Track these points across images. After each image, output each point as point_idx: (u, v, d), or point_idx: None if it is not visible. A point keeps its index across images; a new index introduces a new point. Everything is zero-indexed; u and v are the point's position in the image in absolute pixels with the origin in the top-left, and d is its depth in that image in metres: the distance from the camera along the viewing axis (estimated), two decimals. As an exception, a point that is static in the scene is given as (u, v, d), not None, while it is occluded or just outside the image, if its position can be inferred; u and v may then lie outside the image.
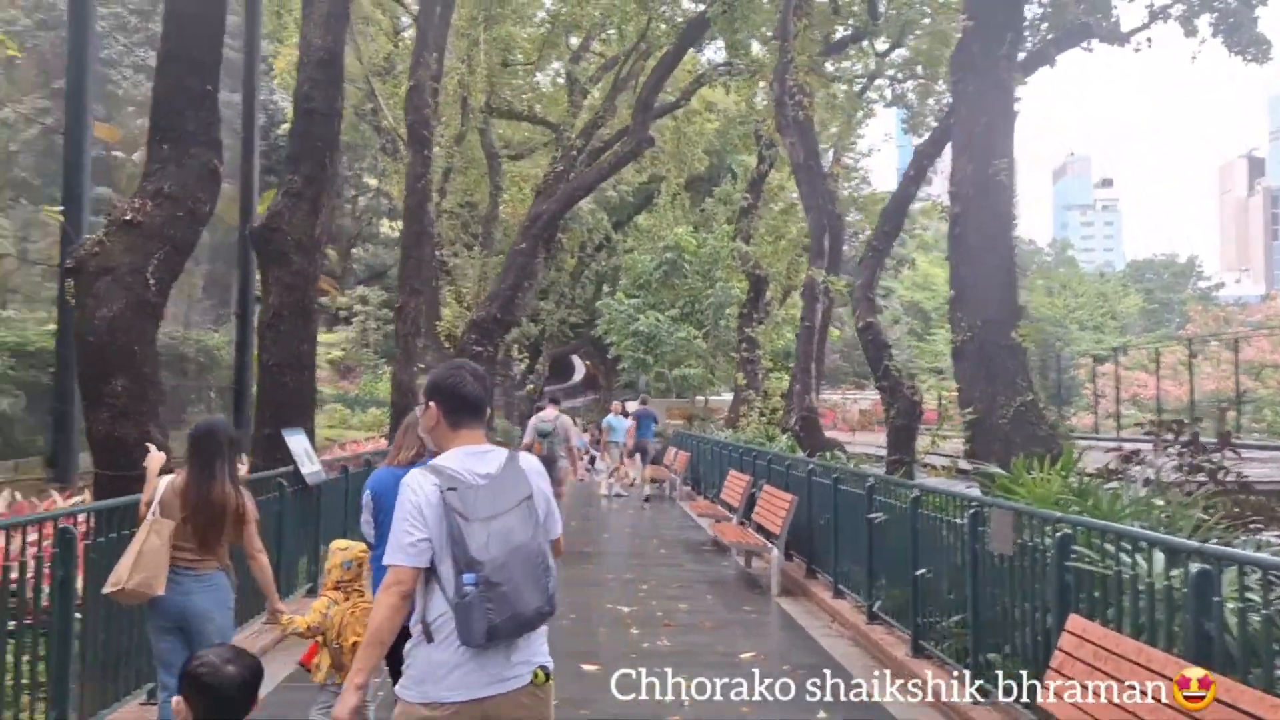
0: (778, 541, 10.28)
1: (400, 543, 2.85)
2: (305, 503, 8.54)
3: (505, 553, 2.82)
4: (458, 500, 2.86)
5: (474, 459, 3.02)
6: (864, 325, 12.00)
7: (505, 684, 2.87)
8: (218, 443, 4.69)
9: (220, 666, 2.50)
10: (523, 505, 2.96)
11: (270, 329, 9.94)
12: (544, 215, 22.53)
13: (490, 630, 2.76)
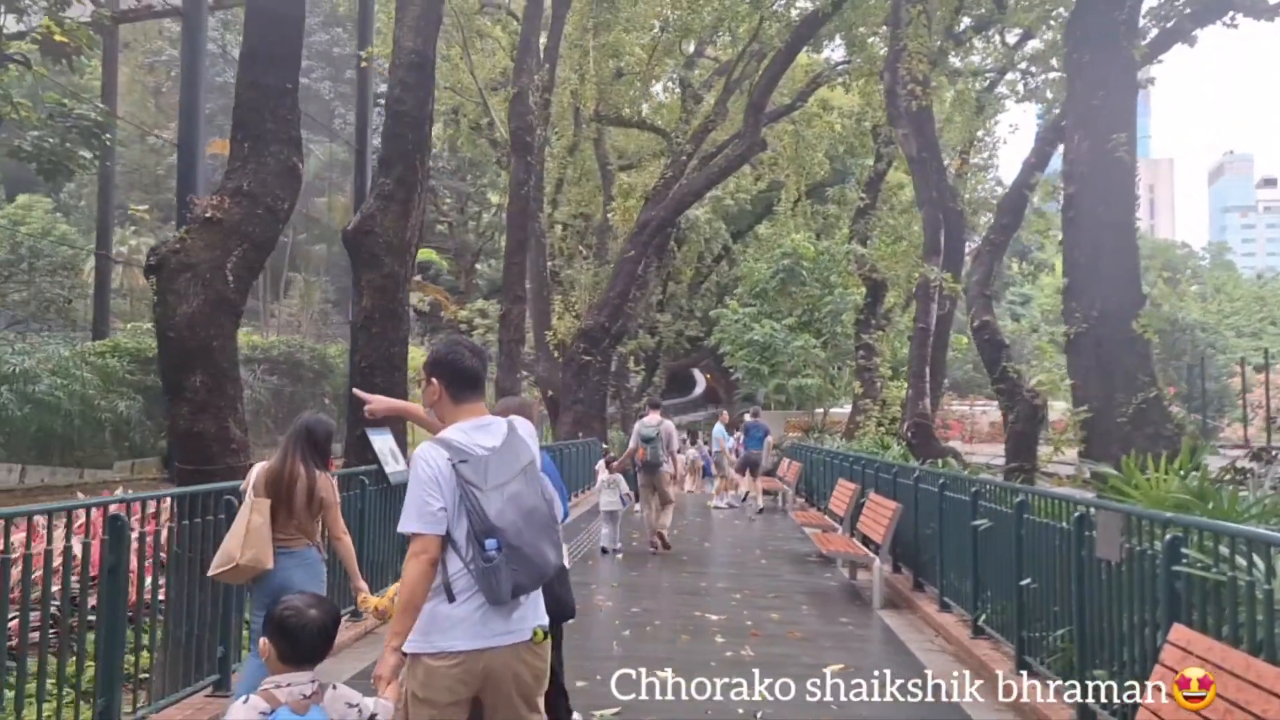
0: (880, 551, 9.74)
1: (422, 512, 3.06)
2: (389, 501, 8.49)
3: (520, 517, 3.07)
4: (469, 471, 3.07)
5: (478, 432, 3.22)
6: (979, 324, 11.34)
7: (506, 638, 3.09)
8: (297, 432, 5.21)
9: (303, 610, 2.87)
10: (526, 470, 3.19)
11: (363, 331, 10.00)
12: (653, 222, 22.39)
13: (515, 588, 3.03)
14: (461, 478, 3.06)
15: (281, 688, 2.81)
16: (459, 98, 28.67)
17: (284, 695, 2.80)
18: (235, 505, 5.66)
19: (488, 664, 3.08)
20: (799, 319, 30.73)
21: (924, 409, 13.49)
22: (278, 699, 2.79)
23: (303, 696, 2.79)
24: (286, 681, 2.83)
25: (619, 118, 26.12)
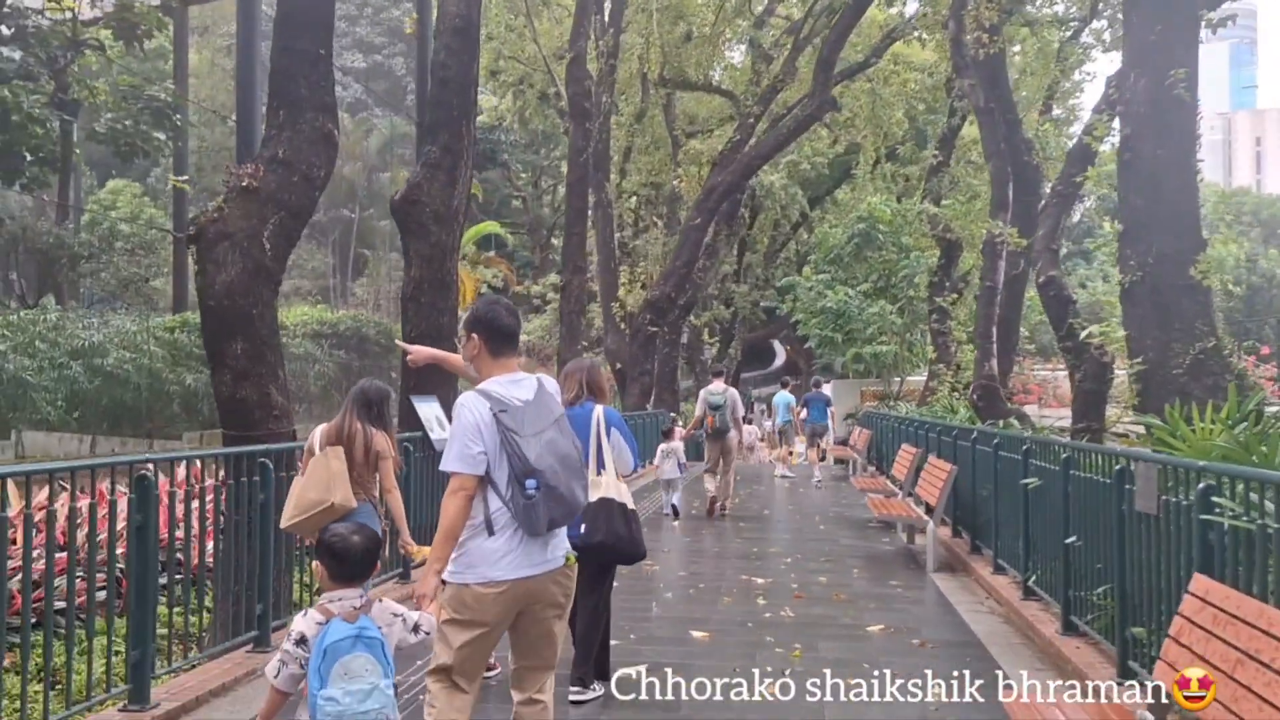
0: (935, 514, 9.51)
1: (463, 454, 3.40)
2: (434, 468, 8.58)
3: (556, 461, 3.43)
4: (509, 420, 3.41)
5: (513, 386, 3.56)
6: (1045, 280, 10.96)
7: (544, 566, 3.49)
8: (354, 395, 5.59)
9: (348, 536, 3.32)
10: (559, 421, 3.57)
11: (412, 301, 10.10)
12: (720, 187, 22.14)
13: (550, 523, 3.41)
14: (502, 425, 3.40)
15: (334, 602, 3.22)
16: (524, 67, 28.65)
17: (336, 608, 3.19)
18: (270, 468, 5.81)
19: (530, 589, 3.47)
20: (874, 285, 30.12)
21: (990, 370, 13.09)
22: (331, 611, 3.18)
23: (353, 608, 3.19)
24: (338, 597, 3.24)
25: (684, 81, 25.76)
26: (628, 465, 5.44)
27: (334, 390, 20.47)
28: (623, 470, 5.41)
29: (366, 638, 3.12)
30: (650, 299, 21.69)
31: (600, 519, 5.12)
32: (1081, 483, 6.12)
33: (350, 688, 3.04)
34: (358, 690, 3.05)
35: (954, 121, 21.41)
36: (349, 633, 3.10)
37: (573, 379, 5.56)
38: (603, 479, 5.25)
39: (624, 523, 5.19)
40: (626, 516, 5.23)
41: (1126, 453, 5.40)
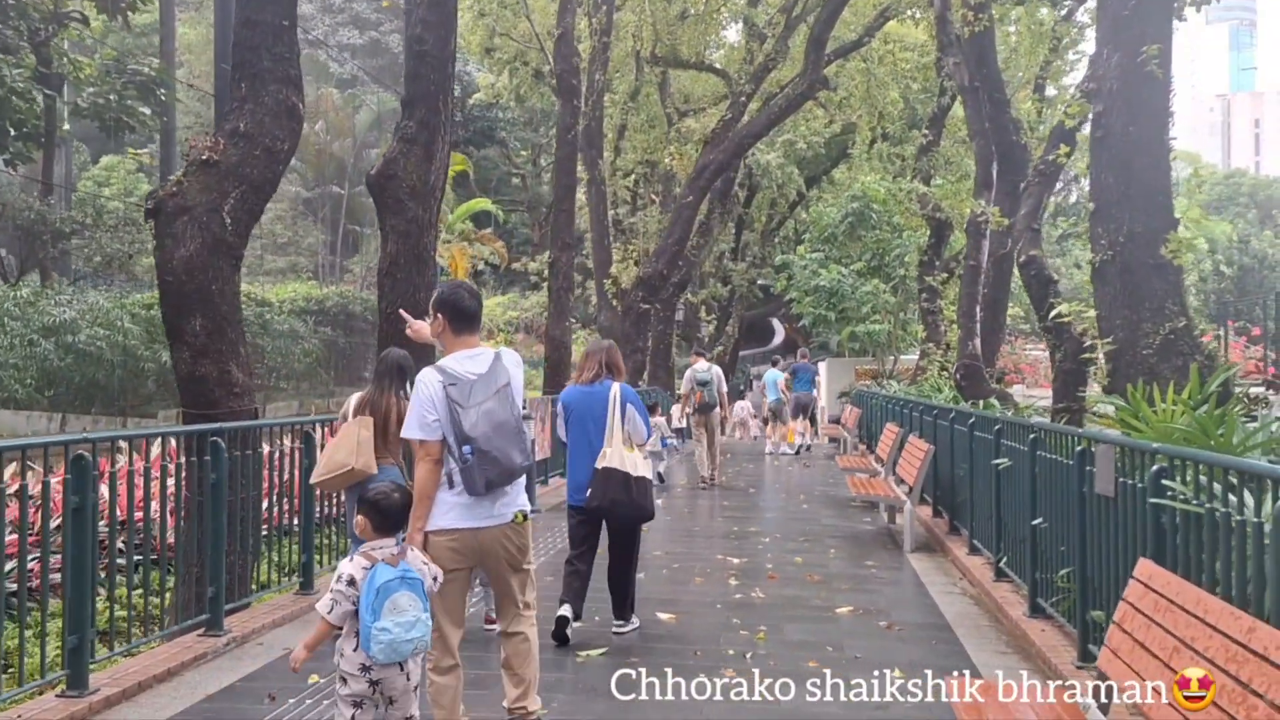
0: (912, 493, 9.45)
1: (422, 422, 3.88)
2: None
3: (490, 428, 3.86)
4: (456, 393, 3.86)
5: (470, 360, 3.99)
6: (1026, 260, 10.83)
7: (492, 519, 3.97)
8: (387, 366, 6.03)
9: (390, 493, 3.85)
10: (501, 390, 3.94)
11: (388, 276, 9.97)
12: (711, 165, 21.96)
13: (487, 483, 3.86)
14: (450, 397, 3.85)
15: (377, 550, 3.70)
16: (518, 44, 28.43)
17: (379, 555, 3.67)
18: (222, 447, 5.73)
19: (480, 540, 3.96)
20: (868, 264, 29.99)
21: (974, 350, 12.99)
22: (375, 558, 3.66)
23: (391, 555, 3.68)
24: (379, 545, 3.72)
25: (678, 60, 25.54)
26: (642, 435, 6.12)
27: (320, 367, 20.39)
28: (637, 440, 6.09)
29: (409, 578, 3.64)
30: (643, 276, 21.57)
31: (603, 486, 5.87)
32: (1047, 464, 6.06)
33: (399, 620, 3.56)
34: (405, 621, 3.57)
35: (944, 100, 21.20)
36: (395, 574, 3.61)
37: (593, 359, 6.28)
38: (610, 450, 5.92)
39: (624, 489, 5.85)
40: (628, 483, 5.87)
41: (1088, 434, 5.32)
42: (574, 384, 6.48)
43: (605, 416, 6.02)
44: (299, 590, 6.82)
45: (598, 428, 6.05)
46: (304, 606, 6.52)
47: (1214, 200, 78.56)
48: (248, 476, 6.29)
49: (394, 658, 3.58)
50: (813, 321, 30.02)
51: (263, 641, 5.88)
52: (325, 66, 39.61)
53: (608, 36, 24.15)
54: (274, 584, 6.98)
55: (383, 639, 3.53)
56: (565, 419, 6.28)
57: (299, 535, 6.88)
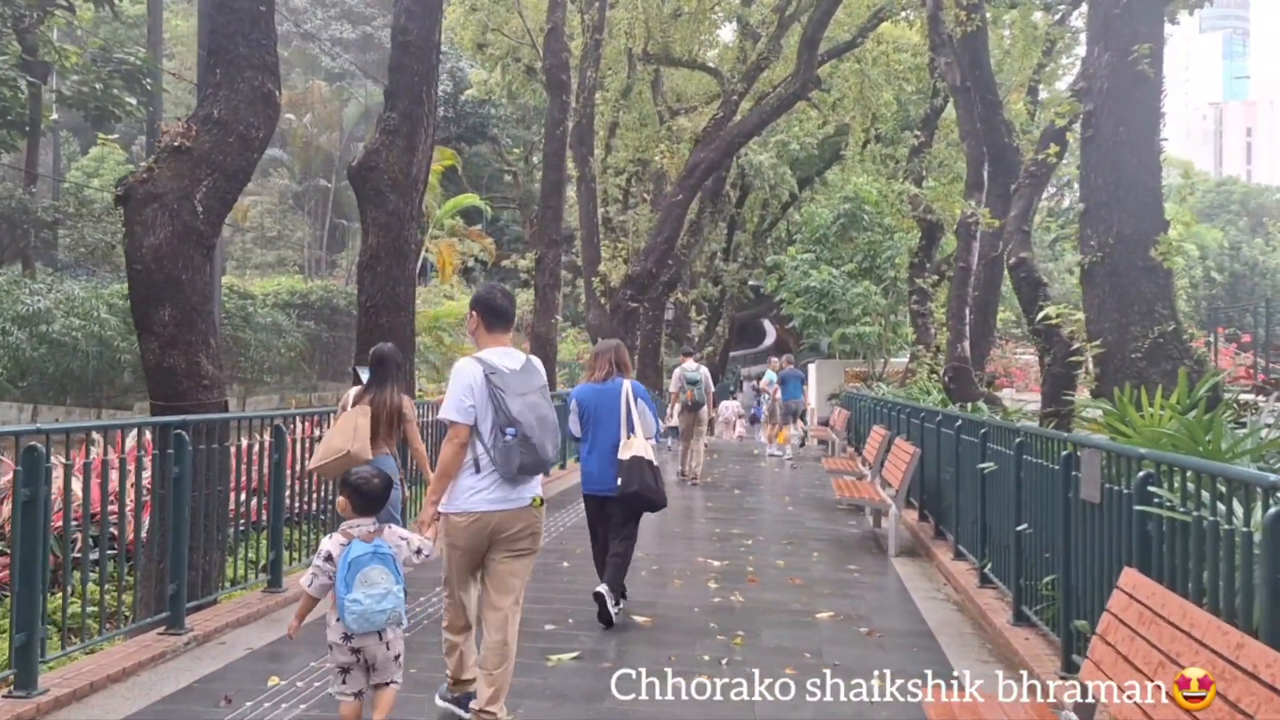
0: (897, 497, 9.33)
1: (459, 406, 4.16)
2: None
3: (535, 419, 4.14)
4: (498, 380, 4.14)
5: (504, 357, 4.27)
6: (1016, 261, 10.71)
7: (510, 504, 4.21)
8: (386, 363, 6.33)
9: (369, 477, 4.06)
10: (540, 389, 4.29)
11: (368, 270, 9.83)
12: (702, 164, 21.81)
13: (521, 466, 4.12)
14: (491, 384, 4.13)
15: (354, 528, 3.94)
16: (510, 40, 28.28)
17: (356, 532, 3.92)
18: (185, 440, 5.57)
19: (497, 522, 4.21)
20: (859, 265, 29.89)
21: (962, 352, 12.87)
22: (351, 534, 3.91)
23: (368, 532, 3.93)
24: (357, 524, 3.96)
25: (669, 57, 25.39)
26: (651, 428, 6.59)
27: (303, 361, 20.13)
28: (647, 433, 6.52)
29: (381, 553, 3.88)
30: (631, 274, 21.41)
31: (634, 473, 6.29)
32: (1033, 468, 5.93)
33: (370, 592, 3.80)
34: (376, 593, 3.81)
35: (936, 102, 21.12)
36: (367, 550, 3.86)
37: (604, 358, 6.76)
38: (634, 440, 6.40)
39: (652, 476, 6.37)
40: (654, 471, 6.40)
41: (1073, 438, 5.19)
42: (586, 382, 6.89)
43: (619, 411, 6.51)
44: (267, 588, 6.66)
45: (613, 421, 6.52)
46: (271, 605, 6.37)
47: (1206, 207, 78.74)
48: (214, 471, 6.13)
49: (367, 627, 3.83)
50: (803, 323, 29.94)
51: (225, 641, 5.72)
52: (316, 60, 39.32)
53: (600, 33, 24.00)
54: (242, 581, 6.81)
55: (354, 609, 3.77)
56: (580, 415, 6.65)
57: (270, 531, 6.71)
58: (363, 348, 9.86)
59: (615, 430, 6.47)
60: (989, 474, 7.07)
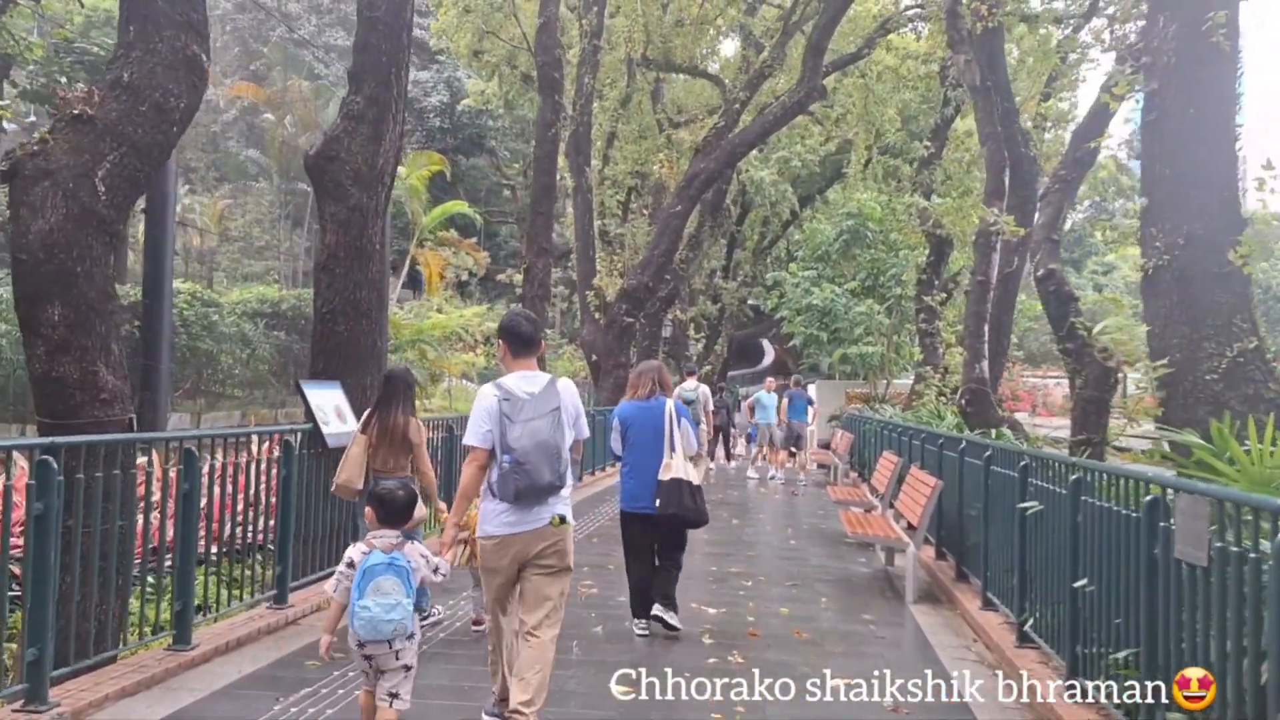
0: (916, 535, 8.26)
1: (477, 431, 4.36)
2: (324, 466, 7.29)
3: (533, 445, 4.27)
4: (508, 408, 4.31)
5: (526, 381, 4.43)
6: (1045, 273, 9.70)
7: (530, 524, 4.35)
8: (396, 384, 6.33)
9: (394, 490, 4.31)
10: (552, 413, 4.36)
11: (325, 271, 8.80)
12: (701, 174, 20.84)
13: (517, 493, 4.28)
14: (501, 411, 4.28)
15: (377, 538, 4.05)
16: (507, 45, 27.40)
17: (378, 543, 4.03)
18: (53, 466, 4.50)
19: (520, 544, 4.33)
20: (862, 283, 28.90)
21: (981, 373, 11.83)
22: (374, 544, 4.02)
23: (390, 544, 4.02)
24: (380, 534, 4.07)
25: (670, 63, 24.46)
26: (693, 446, 6.64)
27: (272, 376, 18.97)
28: (689, 451, 6.55)
29: (397, 566, 3.97)
30: (626, 288, 20.39)
31: (673, 494, 6.35)
32: (1098, 513, 4.86)
33: (381, 600, 3.88)
34: (386, 603, 3.88)
35: (947, 111, 20.15)
36: (383, 560, 3.97)
37: (646, 377, 6.80)
38: (674, 461, 6.43)
39: (690, 496, 6.40)
40: (693, 491, 6.43)
41: (1161, 479, 4.13)
42: (630, 400, 6.84)
43: (661, 430, 6.54)
44: (172, 645, 5.56)
45: (656, 440, 6.55)
46: (172, 666, 5.28)
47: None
48: (112, 503, 5.06)
49: (374, 635, 3.91)
50: (804, 342, 28.90)
51: (107, 715, 4.64)
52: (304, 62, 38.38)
53: (598, 39, 23.10)
54: (141, 636, 5.68)
55: (363, 616, 3.88)
56: (622, 433, 6.68)
57: (178, 576, 5.62)
58: (317, 360, 8.83)
59: (657, 449, 6.51)
60: (1032, 515, 6.00)
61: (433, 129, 43.45)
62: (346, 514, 7.62)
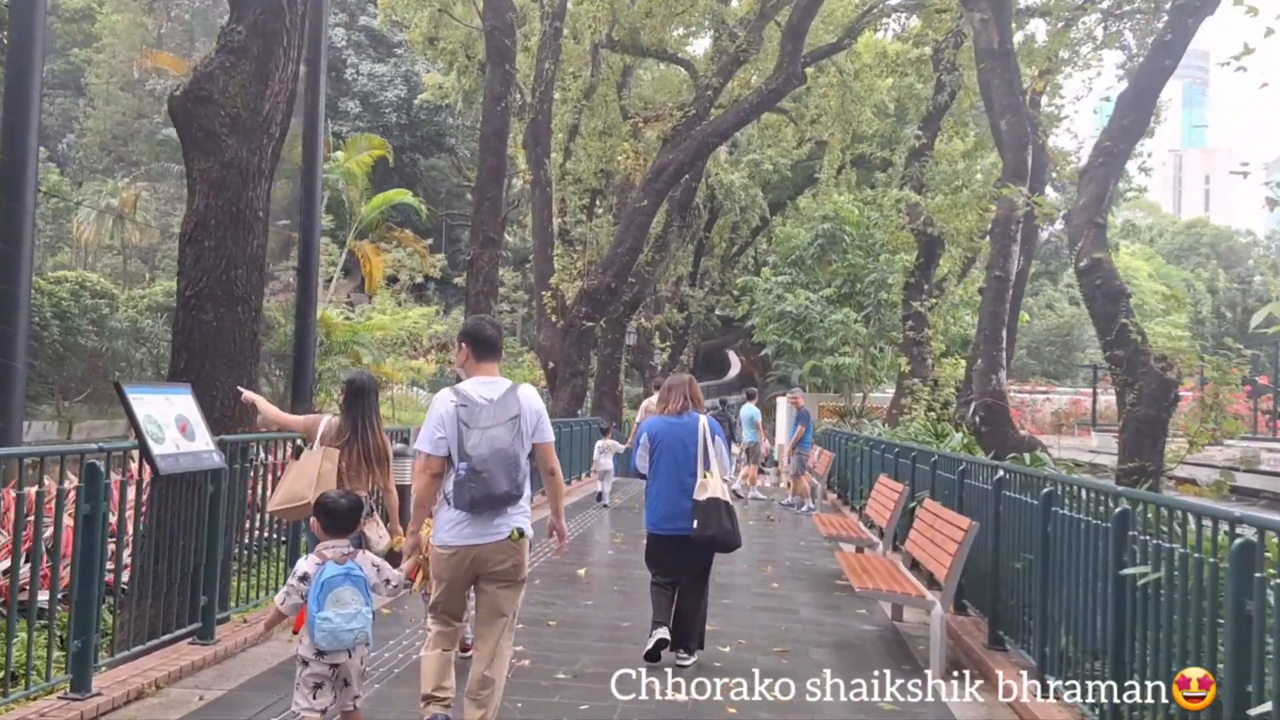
0: (944, 593, 6.46)
1: (429, 438, 4.28)
2: (167, 496, 5.39)
3: (489, 453, 4.18)
4: (465, 414, 4.23)
5: (485, 386, 4.39)
6: (1089, 264, 8.03)
7: (489, 537, 4.28)
8: (365, 394, 5.79)
9: (338, 499, 4.29)
10: (511, 421, 4.28)
11: (191, 244, 6.89)
12: (671, 165, 19.09)
13: (472, 502, 4.18)
14: (458, 418, 4.23)
15: (329, 549, 4.12)
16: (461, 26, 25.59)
17: (330, 554, 4.09)
18: None
19: (476, 555, 4.29)
20: (838, 290, 27.33)
21: (998, 385, 10.09)
22: (326, 556, 4.09)
23: (343, 554, 4.10)
24: (331, 545, 4.14)
25: (637, 46, 22.72)
26: (727, 467, 6.31)
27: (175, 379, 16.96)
28: (723, 472, 6.17)
29: (353, 575, 4.03)
30: (587, 288, 18.57)
31: (711, 516, 5.97)
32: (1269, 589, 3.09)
33: (341, 611, 3.95)
34: (346, 613, 3.96)
35: (941, 98, 18.51)
36: (340, 571, 4.01)
37: (677, 392, 6.36)
38: (710, 481, 6.05)
39: (729, 518, 6.03)
40: (729, 512, 6.06)
41: None
42: (660, 414, 6.44)
43: (694, 448, 6.15)
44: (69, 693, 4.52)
45: (686, 458, 6.15)
46: None
47: (1175, 249, 77.57)
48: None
49: (336, 644, 3.96)
50: (776, 351, 27.28)
51: None
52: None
53: (560, 21, 21.35)
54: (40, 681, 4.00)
55: (325, 627, 3.91)
56: (651, 449, 6.27)
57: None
58: (179, 356, 6.92)
59: (689, 467, 6.12)
60: (1144, 583, 4.22)
61: (389, 125, 41.39)
62: (200, 556, 5.73)
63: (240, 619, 6.43)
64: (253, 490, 6.84)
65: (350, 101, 41.14)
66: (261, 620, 4.19)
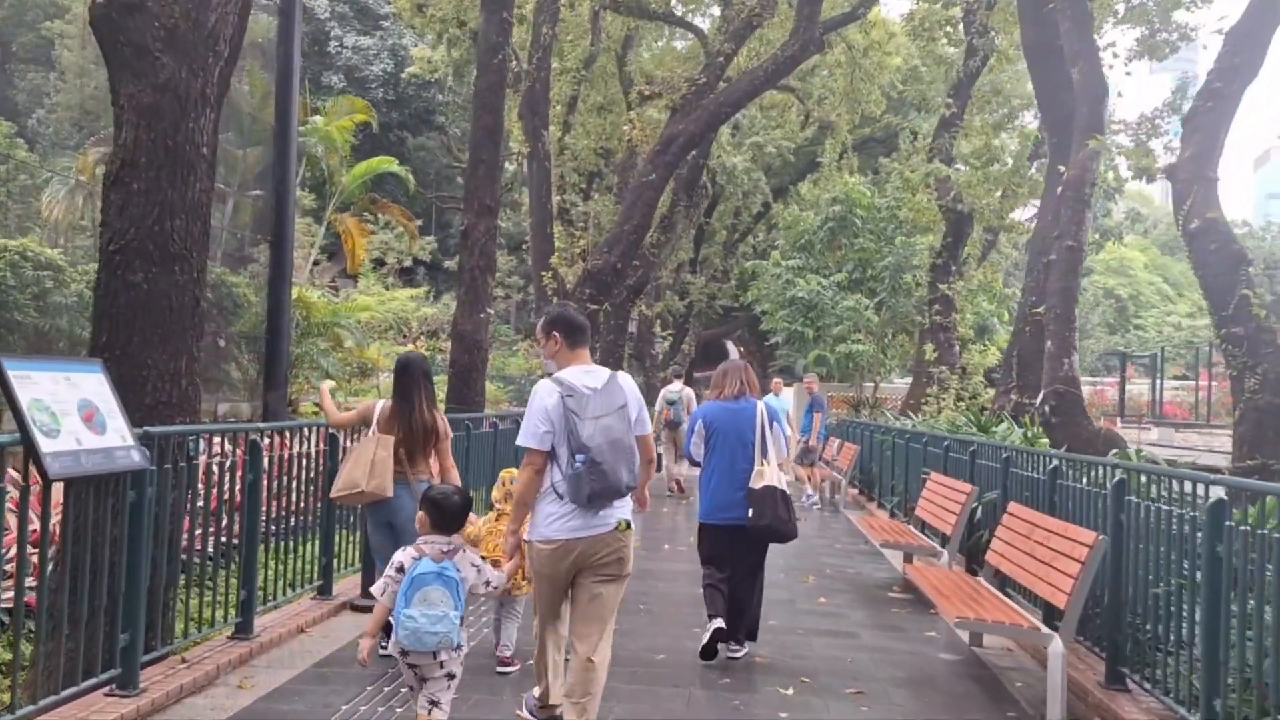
0: (1064, 626, 5.15)
1: (534, 432, 4.07)
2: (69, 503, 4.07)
3: (607, 443, 3.99)
4: (574, 404, 4.04)
5: (586, 375, 4.20)
6: (1201, 225, 6.82)
7: (595, 529, 4.08)
8: (415, 375, 5.73)
9: (450, 494, 4.09)
10: (620, 410, 4.12)
11: (118, 187, 5.53)
12: (680, 137, 17.68)
13: (591, 495, 3.98)
14: (567, 408, 4.03)
15: (428, 544, 3.93)
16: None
17: (429, 549, 3.91)
18: None
19: (581, 549, 4.07)
20: (849, 275, 26.01)
21: (1070, 370, 8.79)
22: (424, 551, 3.90)
23: (441, 551, 3.91)
24: (431, 540, 3.95)
25: (641, 8, 21.36)
26: (783, 452, 6.12)
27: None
28: (778, 456, 6.04)
29: (446, 576, 3.83)
30: (591, 269, 17.18)
31: (767, 504, 5.79)
32: None
33: (427, 611, 3.75)
34: (433, 614, 3.75)
35: (973, 64, 17.14)
36: (433, 569, 3.82)
37: (734, 376, 6.20)
38: (766, 468, 5.89)
39: (785, 507, 5.84)
40: (786, 501, 5.86)
41: None
42: (714, 400, 6.22)
43: (750, 434, 5.97)
44: None
45: (742, 445, 5.97)
46: None
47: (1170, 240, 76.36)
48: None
49: (417, 645, 3.76)
50: (786, 338, 25.96)
51: None
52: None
53: (562, -21, 19.99)
54: None
55: (408, 625, 3.73)
56: (707, 436, 6.10)
57: None
58: (101, 325, 5.57)
59: (746, 455, 5.93)
60: None
61: (375, 100, 39.93)
62: (118, 583, 4.41)
63: (179, 658, 5.11)
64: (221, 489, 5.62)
65: (334, 75, 39.60)
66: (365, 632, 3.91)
